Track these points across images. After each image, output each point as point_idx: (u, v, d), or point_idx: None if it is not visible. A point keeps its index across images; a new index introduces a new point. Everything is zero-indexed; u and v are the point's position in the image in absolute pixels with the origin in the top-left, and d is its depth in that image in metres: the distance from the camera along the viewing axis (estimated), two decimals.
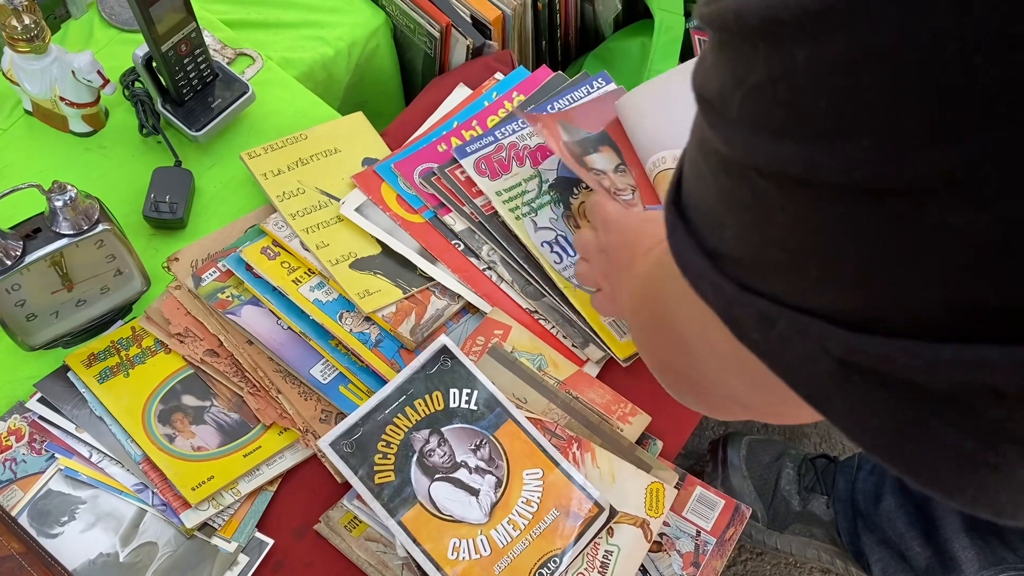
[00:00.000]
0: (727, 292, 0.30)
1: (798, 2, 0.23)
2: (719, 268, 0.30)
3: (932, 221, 0.23)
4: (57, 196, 0.77)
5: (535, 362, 0.89)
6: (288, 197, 0.95)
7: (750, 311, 0.29)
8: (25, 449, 0.81)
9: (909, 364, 0.25)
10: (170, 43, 0.90)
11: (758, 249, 0.28)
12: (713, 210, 0.31)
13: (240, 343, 0.87)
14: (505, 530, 0.80)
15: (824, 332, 0.27)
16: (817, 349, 0.27)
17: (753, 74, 0.25)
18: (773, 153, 0.25)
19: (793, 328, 0.28)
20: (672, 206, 0.34)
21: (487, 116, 1.03)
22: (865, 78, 0.22)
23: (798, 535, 1.25)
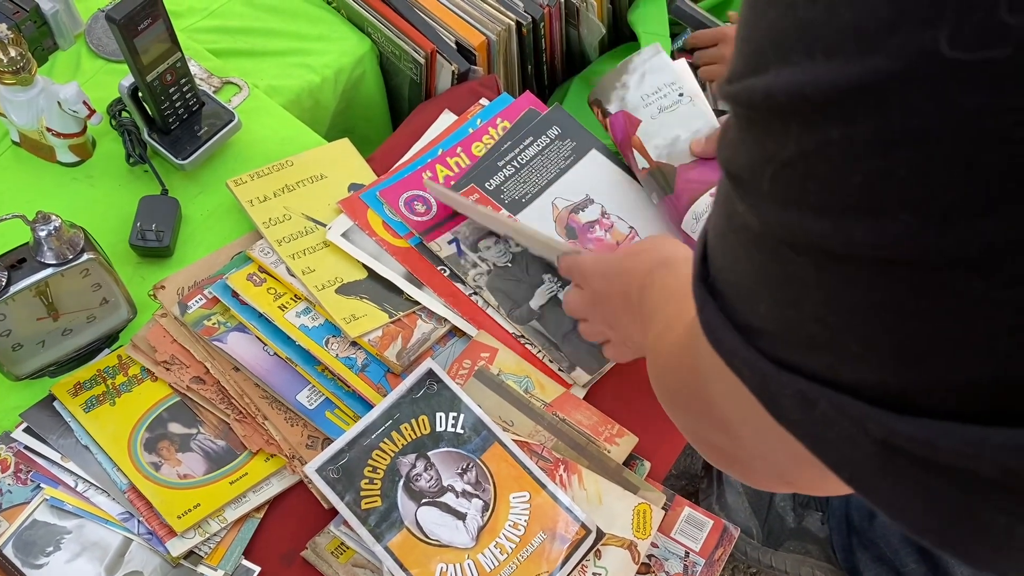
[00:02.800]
0: (764, 370, 0.29)
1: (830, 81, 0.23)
2: (753, 344, 0.30)
3: (975, 295, 0.23)
4: (41, 226, 0.77)
5: (521, 384, 0.89)
6: (274, 223, 0.95)
7: (789, 391, 0.28)
8: (11, 479, 0.81)
9: (955, 450, 0.24)
10: (155, 73, 0.91)
11: (794, 324, 0.28)
12: (745, 285, 0.30)
13: (226, 370, 0.87)
14: (492, 554, 0.79)
15: (865, 414, 0.26)
16: (858, 431, 0.27)
17: (784, 150, 0.25)
18: (808, 228, 0.25)
19: (834, 409, 0.27)
20: (700, 282, 0.33)
21: (472, 143, 1.03)
22: (901, 156, 0.22)
23: (793, 552, 1.24)
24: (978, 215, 0.22)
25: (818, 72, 0.23)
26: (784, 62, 0.25)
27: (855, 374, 0.26)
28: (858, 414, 0.26)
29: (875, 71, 0.22)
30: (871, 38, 0.22)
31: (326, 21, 1.16)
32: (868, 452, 0.27)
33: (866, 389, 0.26)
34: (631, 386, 0.92)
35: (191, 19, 1.12)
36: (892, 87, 0.22)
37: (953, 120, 0.21)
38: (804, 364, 0.28)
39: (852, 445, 0.27)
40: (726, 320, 0.31)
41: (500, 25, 1.14)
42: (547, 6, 1.18)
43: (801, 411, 0.28)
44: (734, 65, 0.28)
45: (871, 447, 0.26)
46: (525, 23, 1.16)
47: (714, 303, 0.32)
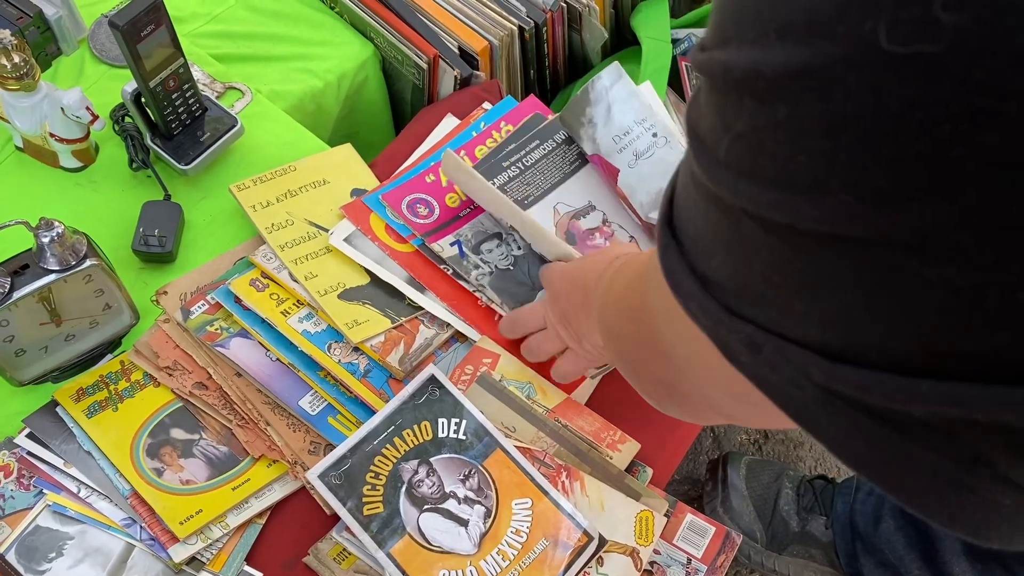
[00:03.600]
0: (716, 315, 0.31)
1: (781, 61, 0.24)
2: (708, 291, 0.31)
3: (908, 273, 0.24)
4: (44, 232, 0.77)
5: (524, 390, 0.89)
6: (277, 229, 0.95)
7: (738, 336, 0.30)
8: (13, 485, 0.81)
9: (887, 394, 0.26)
10: (158, 79, 0.91)
11: (745, 280, 0.30)
12: (703, 237, 0.32)
13: (229, 375, 0.87)
14: (495, 560, 0.79)
15: (807, 360, 0.28)
16: (801, 375, 0.28)
17: (739, 122, 0.26)
18: (758, 198, 0.27)
19: (779, 354, 0.29)
20: (665, 225, 0.34)
21: (475, 146, 1.03)
22: (841, 140, 0.23)
23: (796, 557, 1.24)
24: (909, 199, 0.23)
25: (771, 52, 0.24)
26: (743, 39, 0.26)
27: (798, 330, 0.28)
28: (801, 360, 0.28)
29: (821, 56, 0.23)
30: (820, 24, 0.23)
31: (329, 26, 1.16)
32: (811, 394, 0.28)
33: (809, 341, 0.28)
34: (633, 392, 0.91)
35: (194, 24, 1.12)
36: (835, 73, 0.23)
37: (888, 110, 0.22)
38: (752, 315, 0.30)
39: (796, 387, 0.29)
40: (686, 266, 0.33)
41: (502, 30, 1.14)
42: (549, 11, 1.18)
43: (749, 354, 0.30)
44: (706, 34, 0.29)
45: (813, 390, 0.28)
46: (527, 28, 1.16)
47: (677, 248, 0.33)
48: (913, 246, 0.23)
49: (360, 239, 0.96)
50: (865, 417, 0.27)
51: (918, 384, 0.25)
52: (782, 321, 0.29)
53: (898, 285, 0.24)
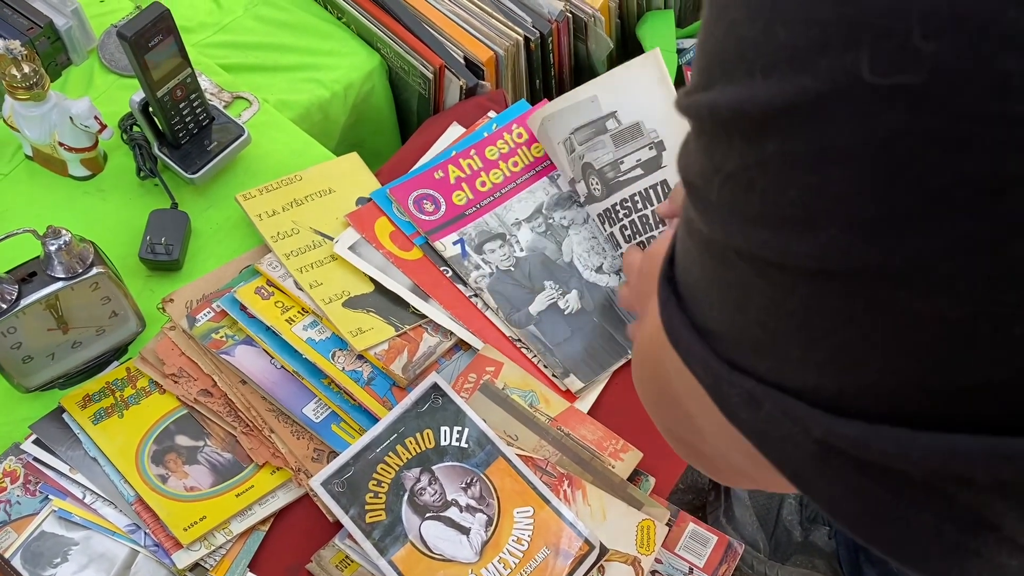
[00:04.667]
0: (715, 370, 0.30)
1: (766, 99, 0.24)
2: (708, 344, 0.31)
3: (900, 307, 0.24)
4: (52, 240, 0.78)
5: (527, 399, 0.89)
6: (282, 237, 0.96)
7: (738, 390, 0.29)
8: (20, 491, 0.81)
9: (885, 451, 0.25)
10: (166, 88, 0.92)
11: (741, 328, 0.29)
12: (700, 287, 0.31)
13: (234, 383, 0.88)
14: (496, 569, 0.80)
15: (806, 414, 0.27)
16: (799, 431, 0.28)
17: (728, 162, 0.26)
18: (749, 237, 0.26)
19: (778, 409, 0.28)
20: (665, 280, 0.34)
21: (485, 146, 1.04)
22: (829, 173, 0.23)
23: (799, 567, 1.24)
24: (898, 231, 0.23)
25: (756, 90, 0.24)
26: (727, 79, 0.26)
27: (796, 377, 0.28)
28: (799, 415, 0.27)
29: (805, 91, 0.23)
30: (802, 59, 0.23)
31: (336, 36, 1.17)
32: (808, 451, 0.28)
33: (808, 392, 0.27)
34: (636, 401, 0.92)
35: (202, 34, 1.13)
36: (820, 107, 0.23)
37: (874, 141, 0.22)
38: (751, 366, 0.29)
39: (794, 444, 0.28)
40: (685, 319, 0.32)
41: (508, 40, 1.15)
42: (555, 21, 1.19)
43: (748, 411, 0.29)
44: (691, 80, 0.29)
45: (811, 446, 0.28)
46: (533, 38, 1.17)
47: (676, 302, 0.33)
48: (904, 279, 0.23)
49: (365, 247, 0.96)
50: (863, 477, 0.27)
51: (917, 438, 0.25)
52: (780, 369, 0.28)
53: (890, 320, 0.24)
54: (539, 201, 1.01)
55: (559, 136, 0.98)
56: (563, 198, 1.01)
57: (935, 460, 0.24)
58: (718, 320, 0.30)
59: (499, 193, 1.01)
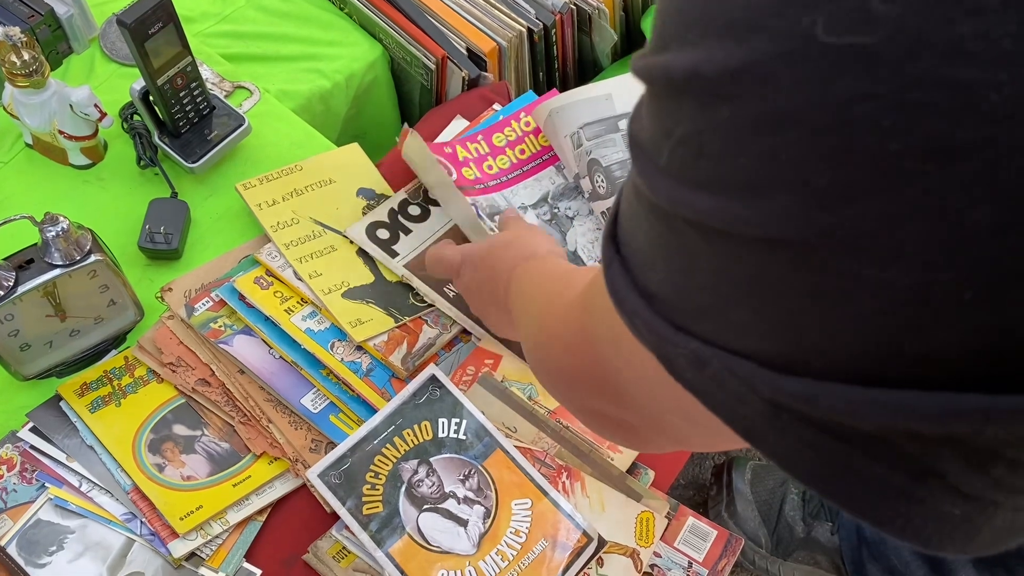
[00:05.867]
0: (661, 331, 0.30)
1: (721, 61, 0.24)
2: (653, 307, 0.31)
3: (849, 273, 0.24)
4: (49, 227, 0.78)
5: (525, 391, 0.89)
6: (282, 227, 0.96)
7: (683, 351, 0.30)
8: (16, 479, 0.81)
9: (834, 407, 0.26)
10: (166, 77, 0.91)
11: (687, 293, 0.29)
12: (644, 251, 0.31)
13: (232, 372, 0.88)
14: (493, 561, 0.79)
15: (753, 373, 0.27)
16: (747, 389, 0.28)
17: (679, 127, 0.26)
18: (697, 204, 0.26)
19: (724, 368, 0.28)
20: (610, 240, 0.34)
21: (493, 133, 1.03)
22: (781, 138, 0.23)
23: (801, 562, 1.23)
24: (850, 198, 0.22)
25: (711, 52, 0.24)
26: (683, 41, 0.26)
27: (742, 340, 0.28)
28: (746, 374, 0.28)
29: (760, 53, 0.23)
30: (758, 21, 0.23)
31: (338, 27, 1.16)
32: (757, 409, 0.28)
33: (753, 353, 0.27)
34: None
35: (204, 24, 1.13)
36: (774, 69, 0.23)
37: (827, 105, 0.22)
38: (696, 329, 0.29)
39: (742, 402, 0.28)
40: (630, 282, 0.32)
41: (511, 31, 1.14)
42: (559, 13, 1.18)
43: (694, 370, 0.29)
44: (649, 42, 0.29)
45: (760, 404, 0.28)
46: (536, 30, 1.16)
47: (620, 263, 0.33)
48: (855, 246, 0.23)
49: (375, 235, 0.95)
50: (813, 430, 0.27)
51: (865, 394, 0.25)
52: (725, 333, 0.28)
53: (839, 288, 0.24)
54: (545, 190, 1.00)
55: (566, 130, 0.97)
56: (569, 188, 1.00)
57: (884, 416, 0.25)
58: (661, 283, 0.30)
59: (505, 178, 1.00)
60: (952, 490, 0.26)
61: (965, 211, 0.21)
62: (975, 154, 0.21)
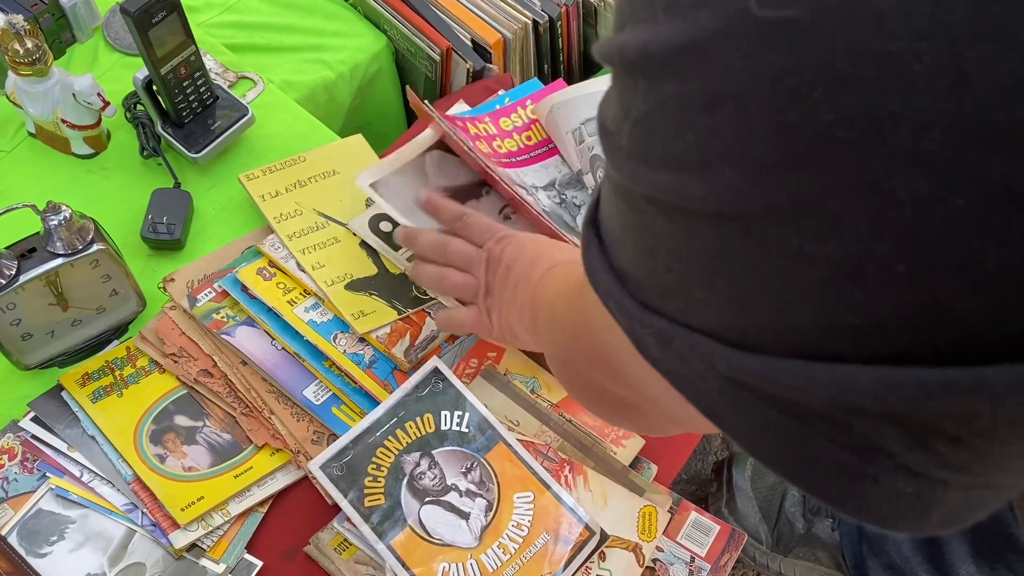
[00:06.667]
0: (630, 310, 0.31)
1: (667, 38, 0.24)
2: (624, 287, 0.32)
3: (791, 247, 0.24)
4: (52, 216, 0.77)
5: (528, 384, 0.89)
6: (285, 218, 0.95)
7: (650, 330, 0.30)
8: (17, 468, 0.81)
9: (786, 383, 0.26)
10: (169, 66, 0.91)
11: (652, 272, 0.30)
12: (617, 232, 0.32)
13: (234, 363, 0.87)
14: (495, 554, 0.79)
15: (712, 350, 0.28)
16: (707, 367, 0.28)
17: (635, 106, 0.27)
18: (654, 181, 0.27)
19: (686, 346, 0.29)
20: (590, 223, 0.35)
21: (500, 116, 1.02)
22: (721, 113, 0.24)
23: (802, 559, 1.23)
24: (786, 170, 0.23)
25: (659, 29, 0.25)
26: (636, 20, 0.26)
27: (702, 318, 0.28)
28: (706, 351, 0.28)
29: (701, 29, 0.24)
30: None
31: (342, 17, 1.16)
32: (717, 386, 0.28)
33: (713, 330, 0.28)
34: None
35: (208, 14, 1.12)
36: (713, 45, 0.23)
37: (762, 78, 0.23)
38: (663, 308, 0.30)
39: (703, 380, 0.29)
40: (605, 262, 0.33)
41: (516, 23, 1.14)
42: (564, 5, 1.17)
43: (660, 349, 0.30)
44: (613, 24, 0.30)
45: (719, 381, 0.28)
46: (542, 22, 1.16)
47: (599, 246, 0.33)
48: (793, 220, 0.23)
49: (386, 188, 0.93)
50: (768, 408, 0.27)
51: (813, 369, 0.25)
52: (687, 311, 0.29)
53: (782, 262, 0.24)
54: (552, 176, 1.00)
55: (568, 126, 0.97)
56: (574, 179, 1.00)
57: (831, 390, 0.25)
58: (633, 264, 0.31)
59: (514, 160, 0.99)
60: (902, 468, 0.26)
61: (894, 183, 0.21)
62: (901, 125, 0.21)
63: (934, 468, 0.26)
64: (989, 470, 0.26)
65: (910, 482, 0.27)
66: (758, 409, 0.28)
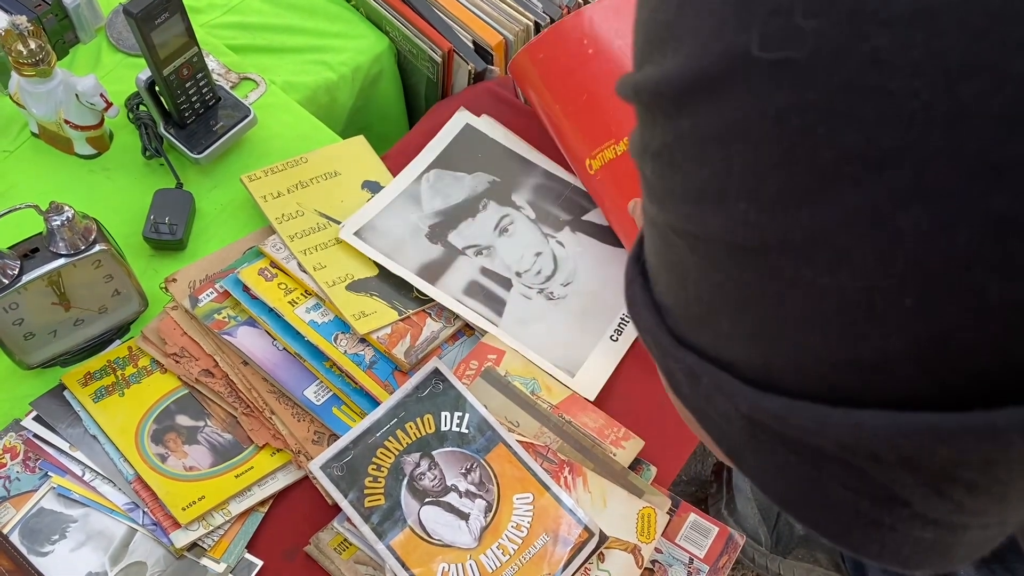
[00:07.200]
0: (664, 345, 0.31)
1: (678, 77, 0.25)
2: (663, 320, 0.32)
3: (804, 280, 0.24)
4: (54, 216, 0.78)
5: (528, 386, 0.89)
6: (287, 219, 0.96)
7: (681, 366, 0.30)
8: (19, 467, 0.81)
9: (804, 426, 0.26)
10: (172, 67, 0.91)
11: (683, 303, 0.30)
12: (654, 264, 0.32)
13: (235, 363, 0.88)
14: (495, 555, 0.79)
15: (737, 390, 0.28)
16: (731, 406, 0.28)
17: (654, 141, 0.27)
18: (676, 213, 0.27)
19: (713, 384, 0.29)
20: (634, 260, 0.35)
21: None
22: (733, 148, 0.24)
23: (801, 560, 1.23)
24: (796, 204, 0.23)
25: (670, 69, 0.26)
26: (649, 60, 0.27)
27: (729, 351, 0.28)
28: (731, 390, 0.28)
29: (709, 69, 0.24)
30: (706, 39, 0.24)
31: (345, 19, 1.16)
32: (739, 427, 0.29)
33: (739, 366, 0.28)
34: (640, 391, 0.91)
35: (211, 15, 1.12)
36: (722, 84, 0.24)
37: (768, 116, 0.23)
38: (695, 341, 0.30)
39: (727, 419, 0.29)
40: (648, 297, 0.33)
41: (518, 25, 1.14)
42: (566, 6, 1.18)
43: (689, 386, 0.30)
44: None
45: (741, 421, 0.28)
46: (543, 24, 1.16)
47: (641, 280, 0.34)
48: (805, 252, 0.24)
49: (370, 232, 0.96)
50: (786, 451, 0.28)
51: (830, 414, 0.25)
52: (716, 344, 0.29)
53: (797, 294, 0.25)
54: None
55: None
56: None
57: (846, 436, 0.25)
58: (668, 294, 0.31)
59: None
60: (919, 516, 0.26)
61: (897, 216, 0.22)
62: (901, 160, 0.21)
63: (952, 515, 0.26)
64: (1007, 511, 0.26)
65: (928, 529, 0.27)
66: (777, 451, 0.28)
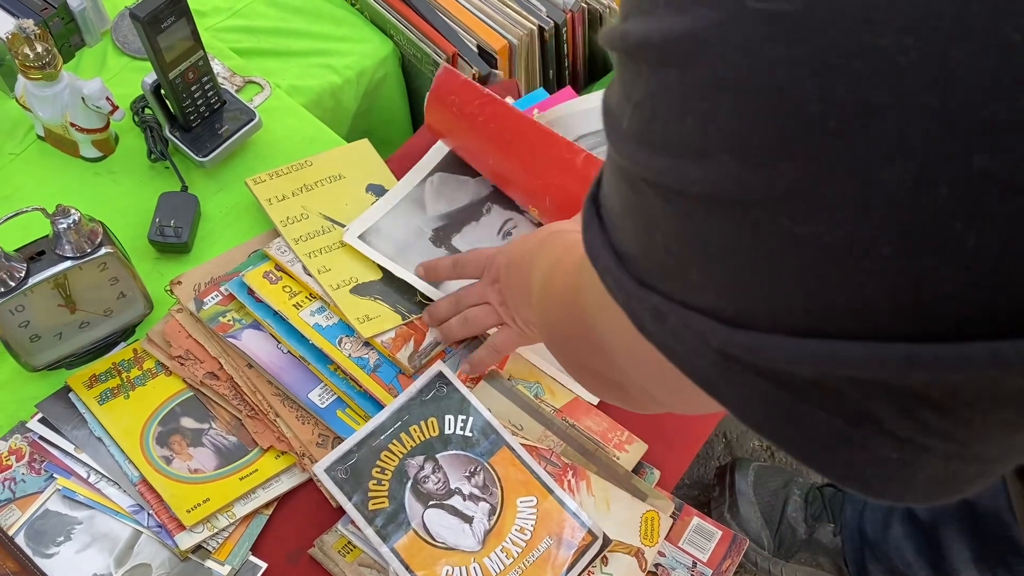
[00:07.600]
0: (627, 287, 0.32)
1: (668, 27, 0.26)
2: (623, 265, 0.33)
3: (783, 231, 0.25)
4: (61, 219, 0.78)
5: (532, 390, 0.89)
6: (292, 222, 0.96)
7: (646, 306, 0.31)
8: (25, 469, 0.82)
9: (777, 358, 0.27)
10: (178, 71, 0.92)
11: (649, 252, 0.31)
12: (617, 211, 0.33)
13: (240, 366, 0.88)
14: (498, 558, 0.80)
15: (706, 327, 0.29)
16: (701, 342, 0.30)
17: (636, 91, 0.28)
18: (652, 165, 0.28)
19: (681, 323, 0.30)
20: (590, 202, 0.36)
21: None
22: (719, 100, 0.25)
23: (804, 564, 1.23)
24: (779, 157, 0.24)
25: (660, 19, 0.26)
26: (639, 11, 0.28)
27: (697, 298, 0.29)
28: (700, 327, 0.29)
29: (701, 20, 0.25)
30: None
31: (349, 23, 1.16)
32: (710, 360, 0.30)
33: (707, 309, 0.29)
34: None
35: (216, 19, 1.13)
36: (713, 36, 0.25)
37: (757, 69, 0.24)
38: (660, 287, 0.31)
39: (698, 355, 0.30)
40: (606, 240, 0.34)
41: (522, 29, 1.15)
42: (570, 11, 1.18)
43: (655, 324, 0.31)
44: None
45: (712, 355, 0.29)
46: (547, 28, 1.17)
47: (599, 223, 0.35)
48: (786, 204, 0.25)
49: (374, 235, 0.96)
50: (760, 379, 0.28)
51: (805, 344, 0.26)
52: (683, 291, 0.30)
53: (775, 246, 0.25)
54: None
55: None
56: None
57: (823, 364, 0.26)
58: (632, 243, 0.32)
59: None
60: (888, 434, 0.27)
61: (879, 169, 0.23)
62: (887, 115, 0.22)
63: (919, 434, 0.27)
64: (972, 439, 0.27)
65: (895, 448, 0.28)
66: (751, 381, 0.29)
